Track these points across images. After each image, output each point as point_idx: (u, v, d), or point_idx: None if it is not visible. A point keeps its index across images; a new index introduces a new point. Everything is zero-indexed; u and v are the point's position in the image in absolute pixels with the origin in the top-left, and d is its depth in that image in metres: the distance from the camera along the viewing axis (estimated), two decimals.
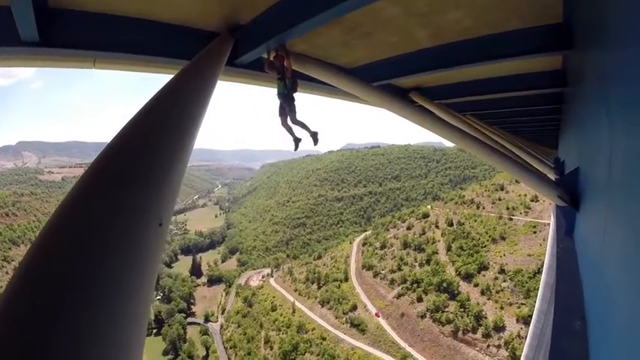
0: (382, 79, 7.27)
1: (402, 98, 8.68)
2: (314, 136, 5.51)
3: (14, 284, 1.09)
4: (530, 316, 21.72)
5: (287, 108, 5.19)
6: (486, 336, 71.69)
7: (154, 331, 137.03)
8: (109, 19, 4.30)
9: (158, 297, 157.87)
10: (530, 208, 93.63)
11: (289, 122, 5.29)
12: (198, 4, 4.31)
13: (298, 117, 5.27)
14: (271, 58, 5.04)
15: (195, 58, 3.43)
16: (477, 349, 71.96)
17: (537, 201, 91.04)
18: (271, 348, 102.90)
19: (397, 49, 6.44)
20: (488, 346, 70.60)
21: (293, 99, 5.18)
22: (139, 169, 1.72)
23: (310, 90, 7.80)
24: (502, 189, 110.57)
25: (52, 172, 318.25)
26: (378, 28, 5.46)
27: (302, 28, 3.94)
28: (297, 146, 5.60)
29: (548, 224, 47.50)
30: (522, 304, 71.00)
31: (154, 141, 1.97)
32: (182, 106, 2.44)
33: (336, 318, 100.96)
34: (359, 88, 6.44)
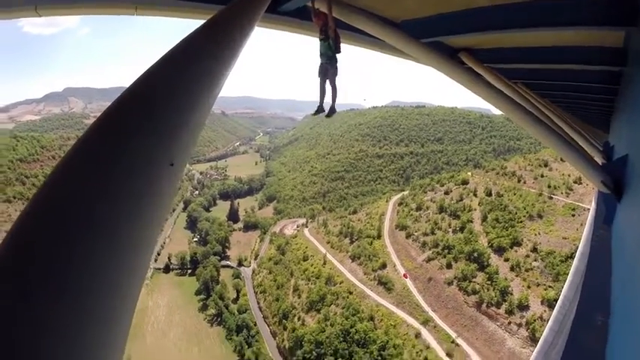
0: (431, 36, 7.00)
1: (450, 58, 8.48)
2: (332, 109, 5.51)
3: (27, 212, 1.14)
4: (556, 300, 21.59)
5: (330, 69, 5.19)
6: (509, 312, 71.17)
7: (189, 271, 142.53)
8: None
9: (195, 239, 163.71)
10: (572, 190, 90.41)
11: (327, 84, 5.30)
12: None
13: (337, 81, 5.29)
14: (314, 13, 5.06)
15: (231, 3, 3.33)
16: (498, 324, 71.76)
17: (580, 183, 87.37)
18: (299, 296, 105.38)
19: (449, 4, 6.20)
20: (510, 323, 70.27)
21: (336, 60, 5.19)
22: (154, 112, 1.81)
23: (355, 42, 7.69)
24: (546, 165, 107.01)
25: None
26: None
27: None
28: (317, 113, 5.57)
29: (589, 209, 46.05)
30: (550, 286, 69.67)
31: (174, 82, 2.05)
32: (211, 51, 2.47)
33: (365, 274, 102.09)
34: (406, 43, 6.31)
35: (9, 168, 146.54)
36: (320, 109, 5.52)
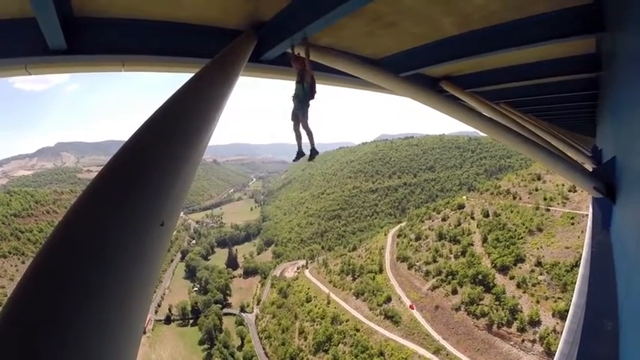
0: (410, 69, 7.17)
1: (431, 88, 8.75)
2: (313, 151, 5.41)
3: (24, 281, 1.16)
4: (567, 311, 21.23)
5: (300, 113, 5.12)
6: (521, 330, 70.07)
7: (191, 321, 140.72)
8: (134, 23, 4.50)
9: (195, 289, 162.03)
10: (568, 199, 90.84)
11: (300, 128, 5.23)
12: (220, 3, 4.48)
13: (309, 124, 5.18)
14: (293, 58, 5.08)
15: (216, 57, 3.43)
16: (512, 343, 70.55)
17: (575, 191, 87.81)
18: (305, 339, 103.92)
19: (423, 38, 6.38)
20: (523, 340, 69.08)
21: (308, 105, 5.12)
22: (143, 171, 1.79)
23: (338, 82, 7.81)
24: (539, 179, 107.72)
25: (91, 171, 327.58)
26: (402, 17, 5.43)
27: (324, 21, 3.99)
28: (297, 158, 5.55)
29: (587, 215, 46.13)
30: (559, 298, 68.94)
31: (161, 143, 2.03)
32: (196, 106, 2.49)
33: (370, 310, 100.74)
34: (385, 78, 6.40)
35: (3, 223, 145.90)
36: (300, 154, 5.49)
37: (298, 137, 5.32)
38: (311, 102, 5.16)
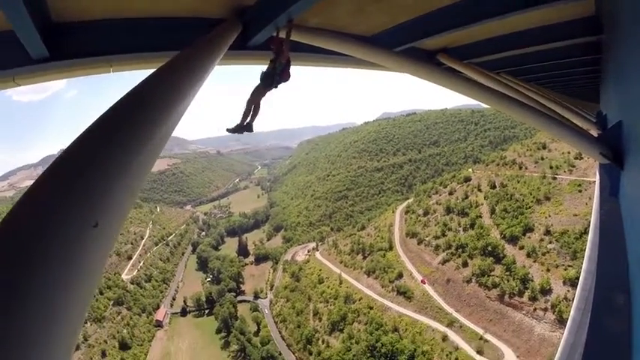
0: (404, 44, 7.01)
1: (428, 62, 8.53)
2: (248, 126, 5.05)
3: None
4: (577, 279, 21.26)
5: (259, 89, 4.93)
6: (533, 299, 70.34)
7: (207, 311, 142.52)
8: (115, 22, 4.42)
9: (208, 279, 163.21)
10: (574, 166, 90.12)
11: (251, 103, 4.98)
12: None
13: (261, 104, 5.01)
14: (272, 42, 4.89)
15: (192, 46, 3.30)
16: (524, 312, 71.02)
17: (582, 158, 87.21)
18: (320, 320, 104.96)
19: (416, 10, 6.24)
20: (535, 309, 69.44)
21: (270, 86, 4.94)
22: (78, 171, 1.66)
23: (333, 63, 7.74)
24: (544, 147, 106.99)
25: None
26: None
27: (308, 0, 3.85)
28: (236, 130, 5.08)
29: (594, 182, 45.83)
30: (569, 265, 69.09)
31: (105, 138, 1.89)
32: (153, 97, 2.35)
33: (383, 287, 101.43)
34: (380, 55, 6.28)
35: None
36: (241, 128, 5.07)
37: (247, 111, 5.02)
38: (280, 85, 4.98)
